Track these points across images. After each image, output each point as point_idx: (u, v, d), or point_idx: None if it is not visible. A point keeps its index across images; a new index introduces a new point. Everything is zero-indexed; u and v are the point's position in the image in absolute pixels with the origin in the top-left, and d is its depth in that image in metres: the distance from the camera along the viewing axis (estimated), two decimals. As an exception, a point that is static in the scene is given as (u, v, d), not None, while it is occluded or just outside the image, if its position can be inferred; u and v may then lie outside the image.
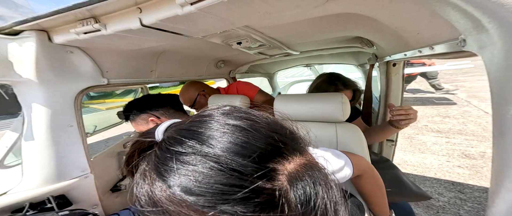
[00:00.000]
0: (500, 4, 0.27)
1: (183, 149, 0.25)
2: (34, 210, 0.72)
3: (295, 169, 0.26)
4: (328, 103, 0.91)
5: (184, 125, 0.29)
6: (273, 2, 0.51)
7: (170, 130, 0.29)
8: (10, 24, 0.61)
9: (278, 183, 0.24)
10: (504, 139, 0.29)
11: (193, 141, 0.26)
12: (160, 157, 0.26)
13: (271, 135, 0.27)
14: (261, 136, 0.26)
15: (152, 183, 0.25)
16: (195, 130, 0.27)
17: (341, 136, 0.92)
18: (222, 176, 0.23)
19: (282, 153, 0.26)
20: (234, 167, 0.23)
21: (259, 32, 0.92)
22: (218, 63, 1.67)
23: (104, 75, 0.90)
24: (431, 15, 0.47)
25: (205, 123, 0.28)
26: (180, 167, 0.24)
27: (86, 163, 0.87)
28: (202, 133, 0.26)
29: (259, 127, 0.27)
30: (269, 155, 0.25)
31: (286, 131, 0.29)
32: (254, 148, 0.25)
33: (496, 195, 0.30)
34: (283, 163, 0.26)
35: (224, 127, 0.27)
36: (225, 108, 0.31)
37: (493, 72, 0.31)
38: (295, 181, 0.24)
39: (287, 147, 0.27)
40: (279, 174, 0.24)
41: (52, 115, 0.76)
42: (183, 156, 0.24)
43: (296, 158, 0.27)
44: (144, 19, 0.55)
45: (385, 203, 0.77)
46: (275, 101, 1.01)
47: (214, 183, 0.22)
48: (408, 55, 0.80)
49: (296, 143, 0.29)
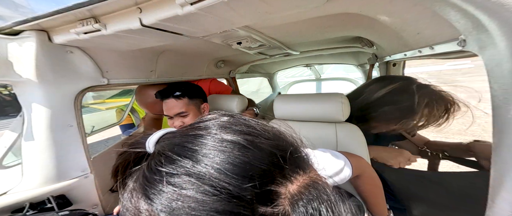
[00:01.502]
0: (500, 4, 0.27)
1: (174, 170, 0.22)
2: (34, 210, 0.72)
3: (298, 191, 0.24)
4: (328, 103, 0.91)
5: (178, 139, 0.26)
6: (273, 2, 0.51)
7: (162, 143, 0.27)
8: (10, 24, 0.61)
9: (280, 207, 0.22)
10: (504, 139, 0.29)
11: (186, 159, 0.23)
12: (149, 178, 0.23)
13: (274, 153, 0.25)
14: (262, 154, 0.24)
15: (138, 203, 0.23)
16: (189, 147, 0.24)
17: (340, 136, 0.92)
18: (218, 202, 0.20)
19: (284, 174, 0.24)
20: (232, 191, 0.20)
21: (259, 32, 0.92)
22: (218, 63, 1.67)
23: (104, 75, 0.90)
24: (431, 15, 0.47)
25: (201, 137, 0.25)
26: (170, 191, 0.21)
27: (86, 163, 0.87)
28: (196, 151, 0.23)
29: (259, 143, 0.25)
30: (271, 176, 0.23)
31: (289, 147, 0.27)
32: (255, 170, 0.22)
33: (496, 195, 0.30)
34: (286, 185, 0.23)
35: (222, 144, 0.24)
36: (223, 119, 0.28)
37: (493, 72, 0.31)
38: (297, 205, 0.22)
39: (291, 166, 0.25)
40: (281, 197, 0.22)
41: (52, 115, 0.76)
42: (174, 178, 0.22)
43: (299, 177, 0.25)
44: (144, 19, 0.55)
45: (383, 203, 0.77)
46: (275, 103, 1.01)
47: (210, 211, 0.20)
48: (408, 55, 0.80)
49: (300, 160, 0.27)
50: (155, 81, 1.21)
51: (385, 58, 1.12)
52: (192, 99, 1.13)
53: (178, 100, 1.09)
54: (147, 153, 0.27)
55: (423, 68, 8.83)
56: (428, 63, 9.39)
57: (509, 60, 0.28)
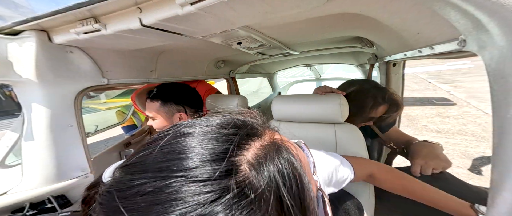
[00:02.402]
0: (500, 4, 0.27)
1: (130, 189, 0.21)
2: (34, 210, 0.72)
3: (255, 154, 0.25)
4: (327, 104, 0.91)
5: (129, 161, 0.25)
6: (273, 2, 0.51)
7: (116, 172, 0.26)
8: (10, 24, 0.61)
9: (244, 174, 0.23)
10: (504, 139, 0.29)
11: (142, 173, 0.22)
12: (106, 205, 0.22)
13: (220, 131, 0.26)
14: (210, 137, 0.25)
15: None
16: (140, 162, 0.24)
17: (340, 136, 0.92)
18: (186, 190, 0.20)
19: (238, 145, 0.25)
20: (194, 177, 0.21)
21: (259, 32, 0.92)
22: (218, 63, 1.67)
23: (104, 75, 0.90)
24: (431, 15, 0.47)
25: (147, 149, 0.25)
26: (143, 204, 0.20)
27: (86, 163, 0.87)
28: (143, 161, 0.24)
29: (206, 130, 0.26)
30: (223, 150, 0.24)
31: (233, 121, 0.28)
32: (204, 152, 0.23)
33: (496, 195, 0.30)
34: (242, 153, 0.24)
35: (168, 145, 0.24)
36: (168, 132, 0.28)
37: (493, 72, 0.31)
38: (257, 167, 0.24)
39: (242, 137, 0.26)
40: (239, 166, 0.23)
41: (52, 115, 0.76)
42: (128, 200, 0.21)
43: (254, 143, 0.26)
44: (144, 19, 0.55)
45: (421, 187, 0.67)
46: (273, 104, 1.01)
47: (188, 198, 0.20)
48: (408, 55, 0.80)
49: (252, 129, 0.28)
50: (155, 81, 1.21)
51: (385, 58, 1.12)
52: (165, 104, 1.01)
53: (150, 103, 1.02)
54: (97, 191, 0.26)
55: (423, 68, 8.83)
56: (428, 63, 9.39)
57: (509, 60, 0.28)
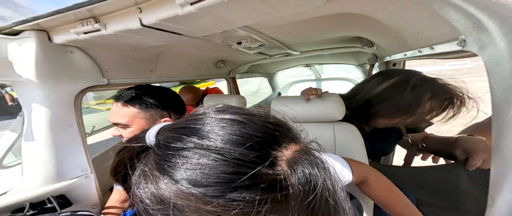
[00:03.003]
0: (500, 4, 0.27)
1: (184, 145, 0.25)
2: (34, 210, 0.72)
3: (293, 155, 0.27)
4: (323, 103, 0.92)
5: (180, 124, 0.29)
6: (273, 2, 0.51)
7: (163, 133, 0.29)
8: (10, 24, 0.61)
9: (279, 168, 0.25)
10: (504, 139, 0.29)
11: (193, 136, 0.26)
12: (162, 155, 0.26)
13: (267, 126, 0.29)
14: (258, 127, 0.28)
15: (156, 182, 0.25)
16: (193, 127, 0.27)
17: (339, 135, 0.92)
18: (226, 166, 0.24)
19: (278, 141, 0.28)
20: (237, 156, 0.24)
21: (259, 32, 0.92)
22: (218, 63, 1.67)
23: (104, 75, 0.90)
24: (431, 15, 0.47)
25: (202, 120, 0.28)
26: (184, 162, 0.24)
27: (86, 163, 0.87)
28: (200, 129, 0.27)
29: (255, 119, 0.29)
30: (268, 143, 0.27)
31: (279, 121, 0.32)
32: (253, 138, 0.26)
33: (496, 195, 0.30)
34: (281, 150, 0.27)
35: (222, 122, 0.27)
36: (218, 106, 0.32)
37: (493, 72, 0.31)
38: (295, 166, 0.26)
39: (282, 135, 0.29)
40: (279, 159, 0.26)
41: (52, 115, 0.76)
42: (185, 151, 0.25)
43: (292, 145, 0.29)
44: (144, 19, 0.55)
45: (406, 205, 0.67)
46: (272, 105, 1.02)
47: (221, 173, 0.23)
48: (408, 55, 0.80)
49: (290, 132, 0.31)
50: (155, 81, 1.21)
51: (385, 58, 1.12)
52: (146, 109, 0.84)
53: (125, 108, 0.82)
54: (147, 146, 0.29)
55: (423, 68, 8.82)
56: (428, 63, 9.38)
57: (509, 60, 0.28)
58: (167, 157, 0.25)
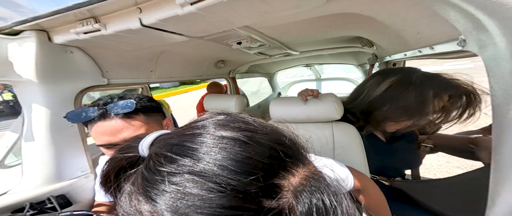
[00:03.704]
0: (500, 4, 0.27)
1: (176, 169, 0.22)
2: (34, 210, 0.72)
3: (301, 183, 0.24)
4: (321, 103, 0.92)
5: (175, 139, 0.25)
6: (273, 2, 0.51)
7: (157, 144, 0.26)
8: (10, 24, 0.61)
9: (284, 200, 0.22)
10: (504, 139, 0.29)
11: (186, 158, 0.22)
12: (149, 179, 0.22)
13: (273, 147, 0.25)
14: (263, 149, 0.24)
15: (139, 208, 0.22)
16: (188, 146, 0.23)
17: (337, 135, 0.93)
18: (223, 198, 0.20)
19: (285, 167, 0.24)
20: (236, 187, 0.20)
21: (259, 32, 0.92)
22: (218, 63, 1.67)
23: (104, 75, 0.90)
24: (431, 15, 0.47)
25: (199, 136, 0.24)
26: (173, 190, 0.20)
27: (86, 163, 0.87)
28: (196, 149, 0.23)
29: (258, 138, 0.25)
30: (273, 170, 0.23)
31: (287, 140, 0.27)
32: (257, 164, 0.22)
33: (496, 195, 0.30)
34: (288, 178, 0.24)
35: (222, 141, 0.24)
36: (219, 118, 0.28)
37: (493, 72, 0.31)
38: (301, 196, 0.22)
39: (291, 160, 0.25)
40: (284, 190, 0.23)
41: (52, 115, 0.76)
42: (176, 177, 0.21)
43: (299, 170, 0.25)
44: (144, 19, 0.55)
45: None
46: (271, 106, 1.01)
47: (216, 207, 0.19)
48: (408, 55, 0.80)
49: (298, 153, 0.27)
50: (155, 81, 1.21)
51: (385, 58, 1.12)
52: (150, 115, 0.74)
53: (131, 120, 0.69)
54: (140, 156, 0.26)
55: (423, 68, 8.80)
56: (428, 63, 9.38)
57: (509, 60, 0.28)
58: (155, 183, 0.22)
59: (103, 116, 0.66)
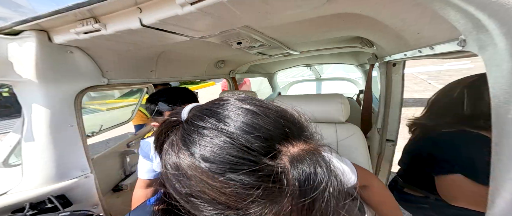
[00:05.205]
0: (500, 4, 0.27)
1: (204, 124, 0.30)
2: (34, 210, 0.72)
3: (298, 153, 0.28)
4: (328, 103, 0.92)
5: (206, 106, 0.34)
6: (273, 2, 0.51)
7: (193, 111, 0.34)
8: (10, 24, 0.61)
9: (280, 162, 0.27)
10: (504, 139, 0.29)
11: (212, 118, 0.30)
12: (186, 130, 0.31)
13: (279, 121, 0.31)
14: (270, 120, 0.30)
15: (177, 151, 0.30)
16: (214, 110, 0.31)
17: (341, 136, 0.92)
18: (232, 149, 0.27)
19: (287, 137, 0.30)
20: (243, 143, 0.27)
21: (259, 32, 0.92)
22: (218, 63, 1.67)
23: (104, 75, 0.90)
24: (431, 15, 0.47)
25: (223, 105, 0.32)
26: (201, 139, 0.28)
27: (86, 163, 0.87)
28: (220, 113, 0.30)
29: (269, 113, 0.31)
30: (276, 137, 0.29)
31: (293, 119, 0.33)
32: (263, 130, 0.28)
33: (496, 195, 0.30)
34: (288, 146, 0.29)
35: (239, 110, 0.31)
36: (240, 95, 0.35)
37: (493, 72, 0.31)
38: (296, 163, 0.27)
39: (292, 133, 0.30)
40: (282, 154, 0.28)
41: (52, 115, 0.76)
42: (203, 130, 0.29)
43: (300, 144, 0.30)
44: (144, 19, 0.55)
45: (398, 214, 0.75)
46: (275, 103, 1.02)
47: (226, 154, 0.26)
48: (408, 55, 0.80)
49: (301, 131, 0.32)
50: (155, 81, 1.22)
51: (385, 58, 1.12)
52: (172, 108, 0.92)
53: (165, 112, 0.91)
54: (181, 120, 0.34)
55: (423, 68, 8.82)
56: (428, 63, 9.38)
57: (509, 60, 0.28)
58: (190, 132, 0.30)
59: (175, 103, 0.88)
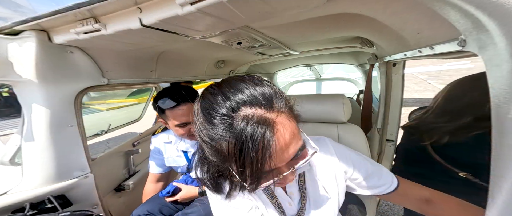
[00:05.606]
0: (500, 4, 0.27)
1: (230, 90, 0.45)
2: (34, 210, 0.72)
3: (254, 113, 0.40)
4: (329, 103, 0.92)
5: (236, 78, 0.48)
6: (273, 2, 0.51)
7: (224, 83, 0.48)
8: (10, 24, 0.61)
9: (236, 114, 0.40)
10: (504, 139, 0.29)
11: (230, 88, 0.44)
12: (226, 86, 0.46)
13: (253, 92, 0.43)
14: (248, 90, 0.43)
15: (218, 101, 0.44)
16: (234, 82, 0.46)
17: (342, 136, 0.92)
18: (220, 105, 0.42)
19: (256, 103, 0.41)
20: (238, 100, 0.42)
21: (259, 32, 0.92)
22: (218, 63, 1.67)
23: (104, 75, 0.90)
24: (431, 15, 0.47)
25: (240, 82, 0.46)
26: (227, 95, 0.43)
27: (86, 163, 0.87)
28: (236, 86, 0.44)
29: (249, 85, 0.44)
30: (246, 100, 0.42)
31: (267, 92, 0.44)
32: (243, 91, 0.43)
33: (496, 195, 0.30)
34: (253, 109, 0.41)
35: (247, 83, 0.45)
36: (255, 75, 0.49)
37: (493, 72, 0.31)
38: (245, 119, 0.39)
39: (258, 101, 0.41)
40: (242, 110, 0.40)
41: (52, 115, 0.76)
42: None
43: (259, 109, 0.41)
44: (144, 19, 0.55)
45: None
46: None
47: (215, 105, 0.43)
48: (408, 55, 0.80)
49: (271, 103, 0.42)
50: (155, 81, 1.21)
51: (385, 58, 1.12)
52: None
53: (189, 105, 0.97)
54: None
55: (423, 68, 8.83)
56: (428, 63, 9.38)
57: (509, 60, 0.28)
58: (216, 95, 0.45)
59: (179, 103, 0.95)
